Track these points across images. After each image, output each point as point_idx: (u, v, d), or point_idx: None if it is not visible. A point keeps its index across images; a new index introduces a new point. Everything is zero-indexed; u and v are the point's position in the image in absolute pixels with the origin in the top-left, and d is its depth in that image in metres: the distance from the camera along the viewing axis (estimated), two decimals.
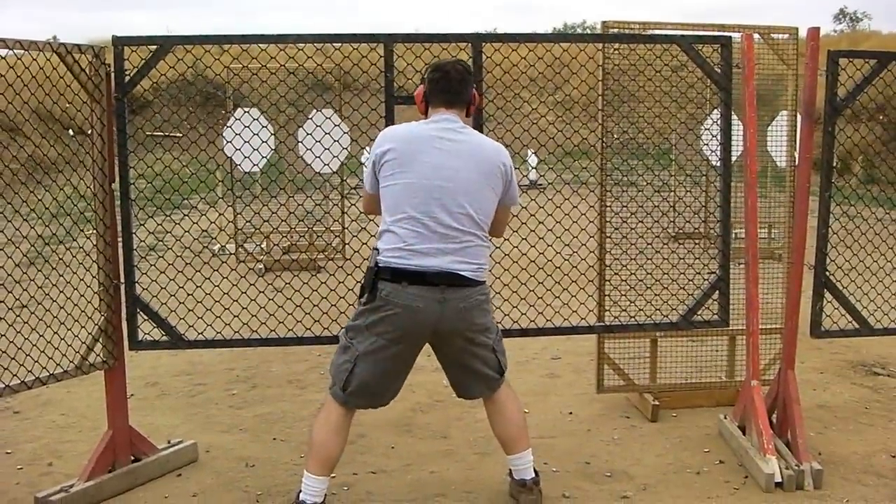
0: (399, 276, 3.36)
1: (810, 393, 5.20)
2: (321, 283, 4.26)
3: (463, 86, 3.57)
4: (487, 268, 3.55)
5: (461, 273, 3.40)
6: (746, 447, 4.18)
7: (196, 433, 4.63)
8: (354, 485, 4.03)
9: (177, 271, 4.08)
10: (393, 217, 3.43)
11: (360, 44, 4.05)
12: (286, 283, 4.31)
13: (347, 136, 5.14)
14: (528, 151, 11.42)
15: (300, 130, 6.43)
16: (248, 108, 7.05)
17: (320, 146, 4.25)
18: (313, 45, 4.05)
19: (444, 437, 4.63)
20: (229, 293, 4.12)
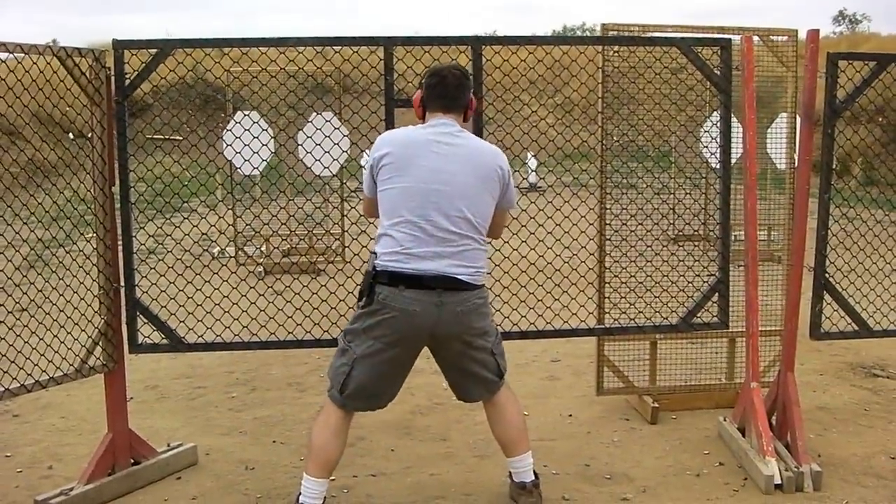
0: (396, 280, 3.37)
1: (810, 395, 5.20)
2: (321, 286, 4.26)
3: (460, 91, 3.57)
4: (485, 271, 3.55)
5: (458, 277, 3.40)
6: (746, 449, 4.18)
7: (196, 436, 4.63)
8: (354, 487, 4.03)
9: (177, 274, 4.09)
10: (390, 221, 3.44)
11: (360, 47, 4.05)
12: (286, 286, 4.31)
13: (347, 139, 5.15)
14: (528, 154, 11.42)
15: (300, 133, 6.44)
16: (248, 112, 7.06)
17: (320, 149, 4.25)
18: (313, 48, 4.06)
19: (444, 440, 4.63)
20: (229, 296, 4.13)
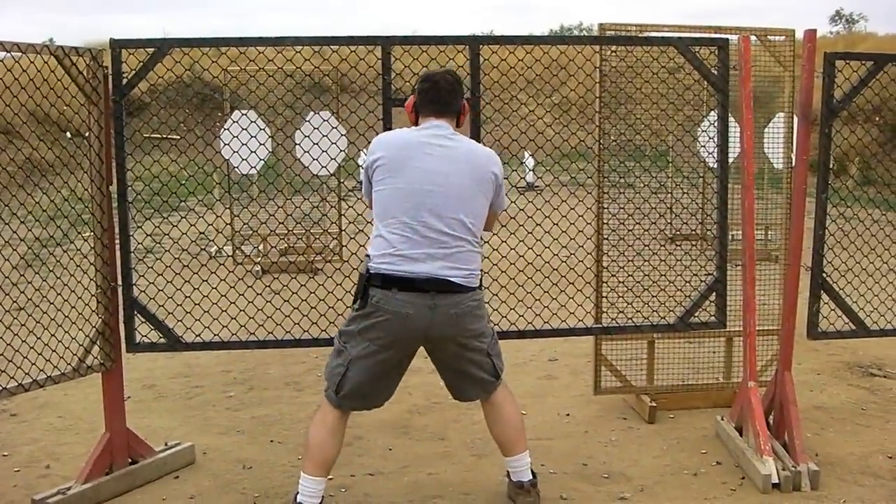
0: (389, 283, 3.38)
1: (807, 394, 5.21)
2: (318, 285, 4.26)
3: (452, 96, 3.58)
4: (479, 273, 3.56)
5: (451, 279, 3.40)
6: (743, 448, 4.18)
7: (193, 435, 4.63)
8: (352, 487, 4.03)
9: (174, 273, 4.08)
10: (383, 222, 3.45)
11: (358, 46, 4.05)
12: (283, 286, 4.31)
13: (345, 138, 5.15)
14: (525, 153, 11.42)
15: (297, 133, 6.44)
16: (246, 111, 7.05)
17: (318, 148, 4.25)
18: (311, 47, 4.06)
19: (442, 439, 4.63)
20: (226, 295, 4.13)
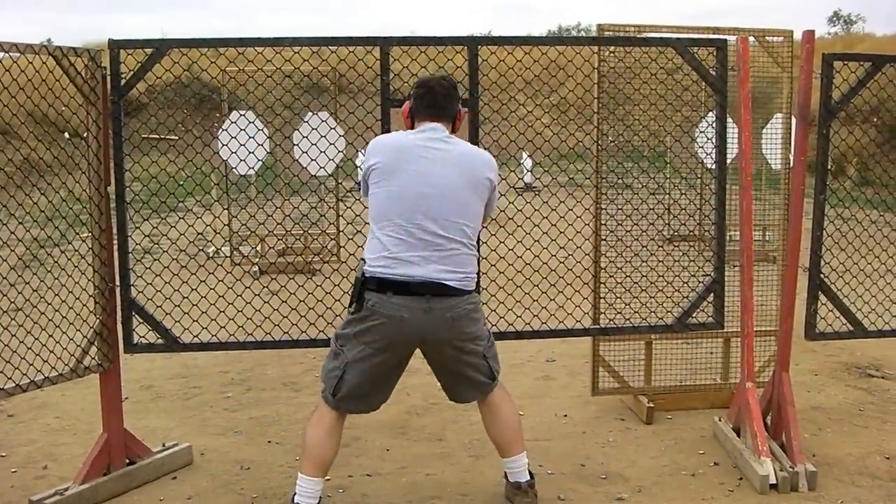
0: (384, 287, 3.38)
1: (805, 395, 5.21)
2: (316, 285, 4.26)
3: (448, 101, 3.59)
4: (475, 276, 3.56)
5: (446, 283, 3.41)
6: (741, 449, 4.18)
7: (191, 436, 4.63)
8: (350, 487, 4.03)
9: (172, 274, 4.08)
10: (378, 225, 3.45)
11: (356, 47, 4.05)
12: (281, 286, 4.31)
13: (343, 139, 5.14)
14: (524, 154, 11.42)
15: (296, 133, 6.43)
16: (244, 111, 7.04)
17: (316, 149, 4.25)
18: (309, 47, 4.06)
19: (440, 440, 4.63)
20: (224, 296, 4.12)
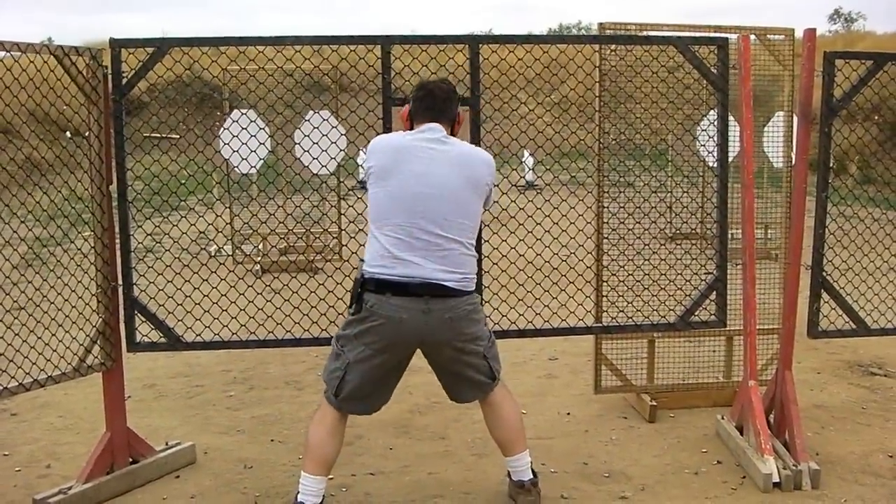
0: (383, 288, 3.39)
1: (807, 393, 5.21)
2: (319, 284, 4.26)
3: (447, 103, 3.60)
4: (474, 277, 3.56)
5: (445, 283, 3.41)
6: (744, 447, 4.18)
7: (194, 435, 4.63)
8: (353, 486, 4.03)
9: (174, 273, 4.08)
10: (377, 225, 3.46)
11: (358, 45, 4.05)
12: (283, 285, 4.31)
13: (344, 137, 5.15)
14: (525, 152, 11.42)
15: (297, 132, 6.44)
16: (245, 110, 7.05)
17: (317, 148, 4.25)
18: (310, 46, 4.06)
19: (442, 439, 4.64)
20: (227, 295, 4.12)
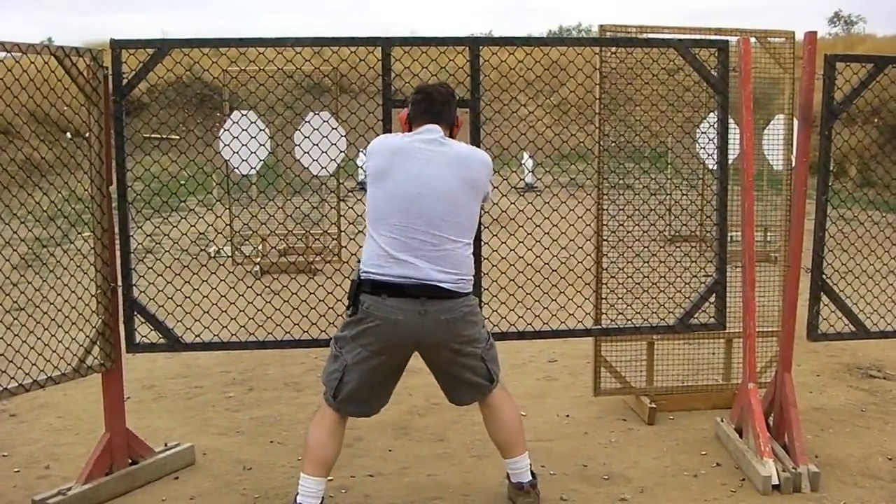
0: (379, 289, 3.40)
1: (807, 396, 5.21)
2: (318, 285, 4.26)
3: (445, 106, 3.62)
4: (471, 278, 3.56)
5: (441, 285, 3.41)
6: (743, 450, 4.18)
7: (193, 436, 4.63)
8: (352, 488, 4.03)
9: (174, 274, 4.08)
10: (374, 225, 3.48)
11: (358, 47, 4.05)
12: (283, 286, 4.31)
13: (344, 139, 5.16)
14: (525, 154, 11.42)
15: (297, 133, 6.43)
16: (245, 111, 7.05)
17: (317, 149, 4.25)
18: (311, 48, 4.06)
19: (441, 440, 4.63)
20: (226, 296, 4.13)
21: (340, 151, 4.88)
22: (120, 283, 3.98)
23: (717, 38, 4.41)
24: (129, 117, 4.05)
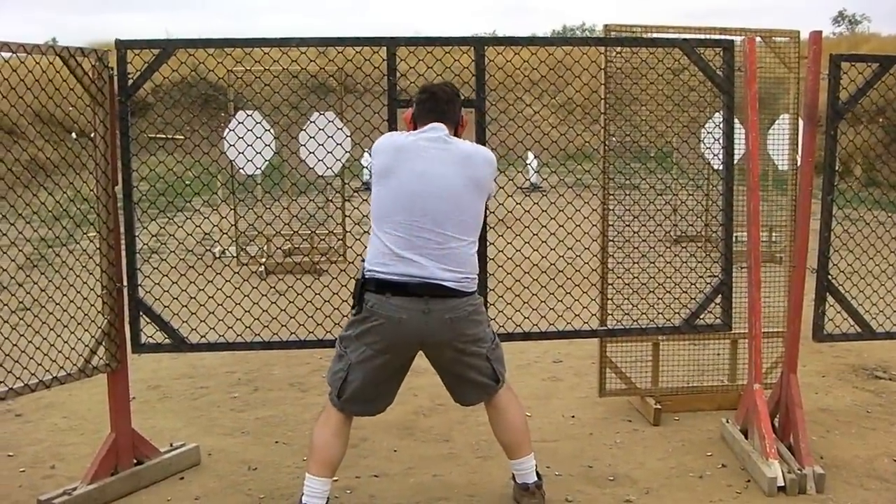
0: (383, 288, 3.40)
1: (812, 397, 5.20)
2: (323, 286, 4.26)
3: (450, 105, 3.62)
4: (475, 277, 3.55)
5: (445, 284, 3.41)
6: (749, 451, 4.17)
7: (198, 436, 4.63)
8: (357, 488, 4.03)
9: (179, 274, 4.08)
10: (378, 223, 3.48)
11: (363, 47, 4.05)
12: (288, 287, 4.31)
13: (349, 139, 5.15)
14: (530, 154, 11.41)
15: (302, 133, 6.44)
16: (250, 111, 7.06)
17: (322, 149, 4.25)
18: (316, 48, 4.06)
19: (447, 441, 4.63)
20: (231, 296, 4.13)
21: (345, 151, 4.86)
22: (125, 283, 3.98)
23: (723, 37, 4.40)
24: (135, 117, 4.05)
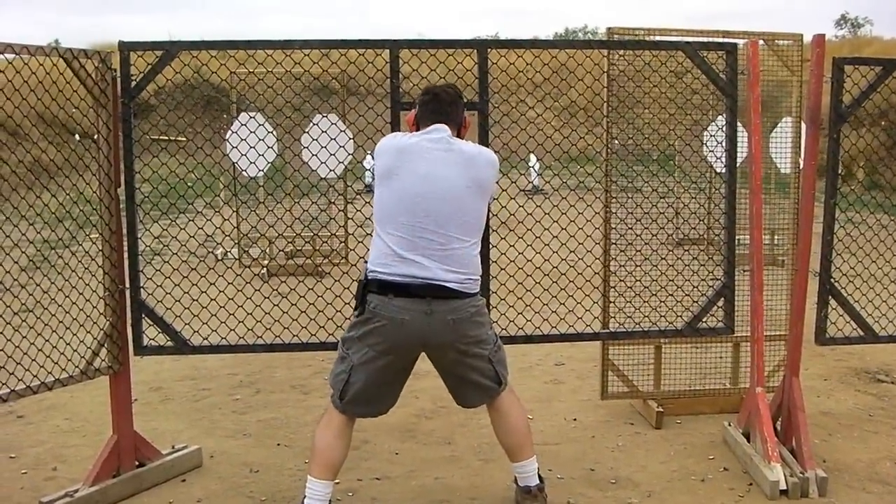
0: (385, 289, 3.40)
1: (814, 400, 5.19)
2: (326, 288, 4.26)
3: (453, 107, 3.63)
4: (478, 279, 3.55)
5: (447, 285, 3.41)
6: (751, 454, 4.17)
7: (200, 438, 4.63)
8: (359, 491, 4.03)
9: (181, 276, 4.09)
10: (381, 225, 3.48)
11: (366, 49, 4.05)
12: (290, 289, 4.31)
13: (352, 141, 5.16)
14: (532, 157, 11.42)
15: (304, 135, 6.44)
16: (253, 113, 7.06)
17: (325, 151, 4.25)
18: (318, 50, 4.06)
19: (449, 443, 4.63)
20: (233, 298, 4.13)
21: (348, 154, 4.87)
22: (128, 285, 3.98)
23: (725, 40, 4.39)
24: (137, 119, 4.06)
